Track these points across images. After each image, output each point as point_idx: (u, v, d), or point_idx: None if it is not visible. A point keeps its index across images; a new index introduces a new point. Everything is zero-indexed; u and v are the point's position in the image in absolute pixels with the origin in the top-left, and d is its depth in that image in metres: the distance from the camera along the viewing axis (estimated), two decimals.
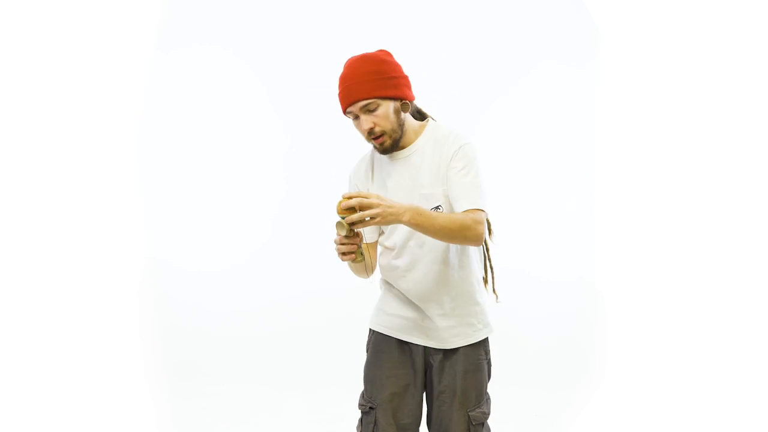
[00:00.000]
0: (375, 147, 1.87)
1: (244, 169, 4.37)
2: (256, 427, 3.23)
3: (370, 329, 2.03)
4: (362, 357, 2.07)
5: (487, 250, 1.99)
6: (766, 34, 3.75)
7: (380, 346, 1.97)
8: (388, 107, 1.83)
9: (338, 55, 4.76)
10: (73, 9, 3.90)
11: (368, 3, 4.27)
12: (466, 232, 1.75)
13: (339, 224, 1.67)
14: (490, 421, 1.97)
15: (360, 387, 2.05)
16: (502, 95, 4.31)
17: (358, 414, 2.04)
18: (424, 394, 1.99)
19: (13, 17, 3.77)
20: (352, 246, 1.72)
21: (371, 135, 1.83)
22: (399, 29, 4.19)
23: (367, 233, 1.98)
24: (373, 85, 1.81)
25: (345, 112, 1.86)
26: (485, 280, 2.00)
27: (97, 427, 3.09)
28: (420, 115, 1.98)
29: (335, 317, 3.96)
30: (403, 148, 1.90)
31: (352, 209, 1.63)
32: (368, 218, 1.63)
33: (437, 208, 1.84)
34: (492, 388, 1.98)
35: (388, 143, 1.84)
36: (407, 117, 1.90)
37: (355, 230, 1.70)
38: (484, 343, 1.97)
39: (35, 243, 3.80)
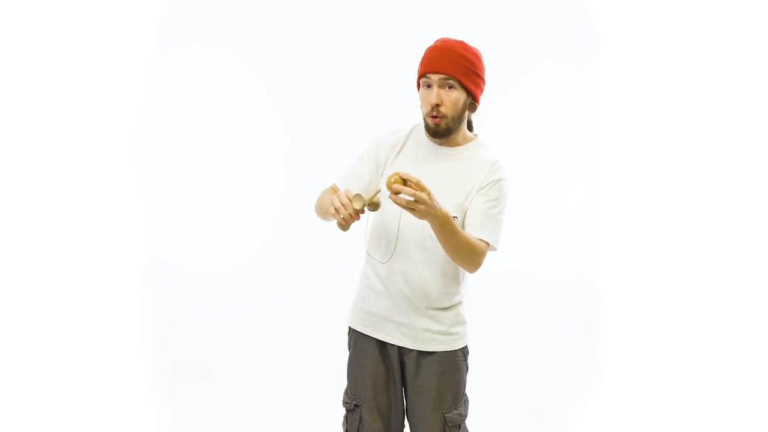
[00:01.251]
0: (428, 124, 1.85)
1: (244, 169, 4.37)
2: (256, 427, 3.23)
3: (349, 327, 2.03)
4: None
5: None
6: (766, 34, 3.75)
7: (360, 344, 1.98)
8: (461, 96, 1.83)
9: (338, 56, 4.79)
10: (73, 9, 3.90)
11: (368, 3, 4.27)
12: (472, 257, 1.80)
13: (358, 198, 1.66)
14: (490, 421, 1.97)
15: None
16: (502, 95, 4.29)
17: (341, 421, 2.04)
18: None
19: (13, 17, 3.77)
20: (353, 220, 1.69)
21: (433, 111, 1.82)
22: (399, 29, 4.19)
23: (346, 184, 1.93)
24: (463, 69, 1.82)
25: (422, 76, 1.84)
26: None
27: (98, 428, 3.09)
28: (469, 126, 1.98)
29: (335, 317, 3.93)
30: (447, 146, 1.89)
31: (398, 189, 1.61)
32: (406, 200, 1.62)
33: (454, 218, 1.85)
34: (492, 388, 1.98)
35: (443, 127, 1.84)
36: (465, 119, 1.90)
37: (368, 211, 1.71)
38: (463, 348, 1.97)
39: (35, 243, 3.79)
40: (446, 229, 1.71)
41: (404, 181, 1.61)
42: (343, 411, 2.01)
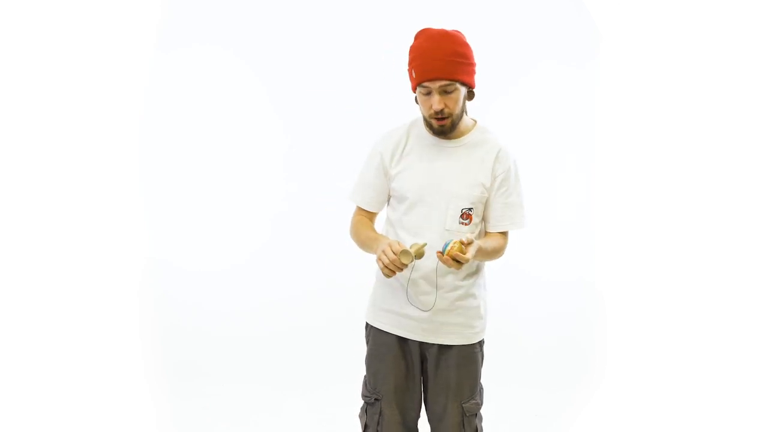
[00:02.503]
0: (433, 126, 1.85)
1: (244, 169, 4.37)
2: (256, 427, 3.23)
3: (367, 323, 2.04)
4: (362, 356, 2.06)
5: None
6: (766, 33, 3.75)
7: (379, 339, 1.99)
8: (461, 92, 1.83)
9: (338, 56, 4.78)
10: (72, 9, 3.90)
11: (368, 3, 4.27)
12: (500, 255, 1.95)
13: (406, 254, 1.70)
14: (490, 421, 1.99)
15: (360, 384, 2.05)
16: (502, 95, 4.30)
17: (358, 413, 2.04)
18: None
19: (13, 17, 3.77)
20: (399, 270, 1.75)
21: (438, 115, 1.80)
22: (399, 29, 4.17)
23: (371, 205, 1.99)
24: (458, 68, 1.80)
25: (419, 84, 1.81)
26: None
27: (97, 428, 3.09)
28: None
29: (335, 317, 3.96)
30: (450, 138, 1.90)
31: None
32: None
33: (470, 209, 1.85)
34: (492, 388, 1.99)
35: (449, 125, 1.84)
36: (465, 108, 1.91)
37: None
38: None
39: (35, 243, 3.79)
40: (478, 256, 1.82)
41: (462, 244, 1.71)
42: (346, 412, 2.02)
